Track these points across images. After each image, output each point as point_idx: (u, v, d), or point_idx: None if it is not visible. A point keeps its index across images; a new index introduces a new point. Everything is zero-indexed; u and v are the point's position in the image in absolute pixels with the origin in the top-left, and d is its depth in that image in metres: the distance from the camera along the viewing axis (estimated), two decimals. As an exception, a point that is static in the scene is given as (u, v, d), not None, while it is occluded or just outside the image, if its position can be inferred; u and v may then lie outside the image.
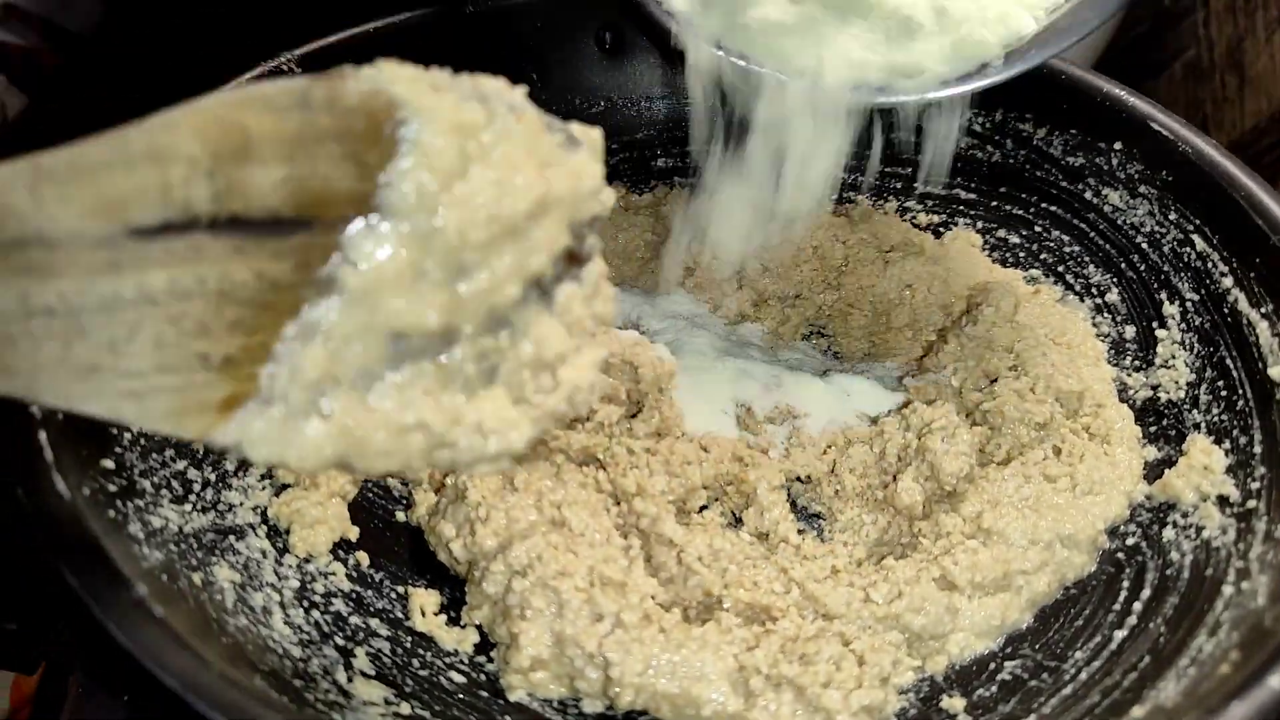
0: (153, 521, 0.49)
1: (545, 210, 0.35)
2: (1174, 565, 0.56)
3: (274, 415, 0.34)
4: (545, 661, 0.52)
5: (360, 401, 0.34)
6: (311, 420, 0.34)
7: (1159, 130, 0.68)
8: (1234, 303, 0.62)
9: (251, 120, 0.33)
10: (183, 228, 0.33)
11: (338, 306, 0.33)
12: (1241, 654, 0.45)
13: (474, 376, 0.35)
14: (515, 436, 0.35)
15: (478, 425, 0.35)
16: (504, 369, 0.35)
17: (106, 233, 0.32)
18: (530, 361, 0.36)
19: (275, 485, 0.59)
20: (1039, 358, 0.66)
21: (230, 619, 0.48)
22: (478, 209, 0.33)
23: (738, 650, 0.54)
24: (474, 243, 0.34)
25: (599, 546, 0.56)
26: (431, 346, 0.34)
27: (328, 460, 0.34)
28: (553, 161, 0.35)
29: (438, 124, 0.33)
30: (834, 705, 0.51)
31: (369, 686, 0.50)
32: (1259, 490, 0.55)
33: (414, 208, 0.33)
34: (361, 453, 0.34)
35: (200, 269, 0.33)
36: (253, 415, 0.34)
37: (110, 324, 0.33)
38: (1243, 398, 0.60)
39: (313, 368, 0.33)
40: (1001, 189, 0.78)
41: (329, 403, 0.34)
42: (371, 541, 0.60)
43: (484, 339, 0.35)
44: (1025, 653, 0.56)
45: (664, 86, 0.86)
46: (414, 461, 0.35)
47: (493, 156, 0.34)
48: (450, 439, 0.34)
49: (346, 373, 0.34)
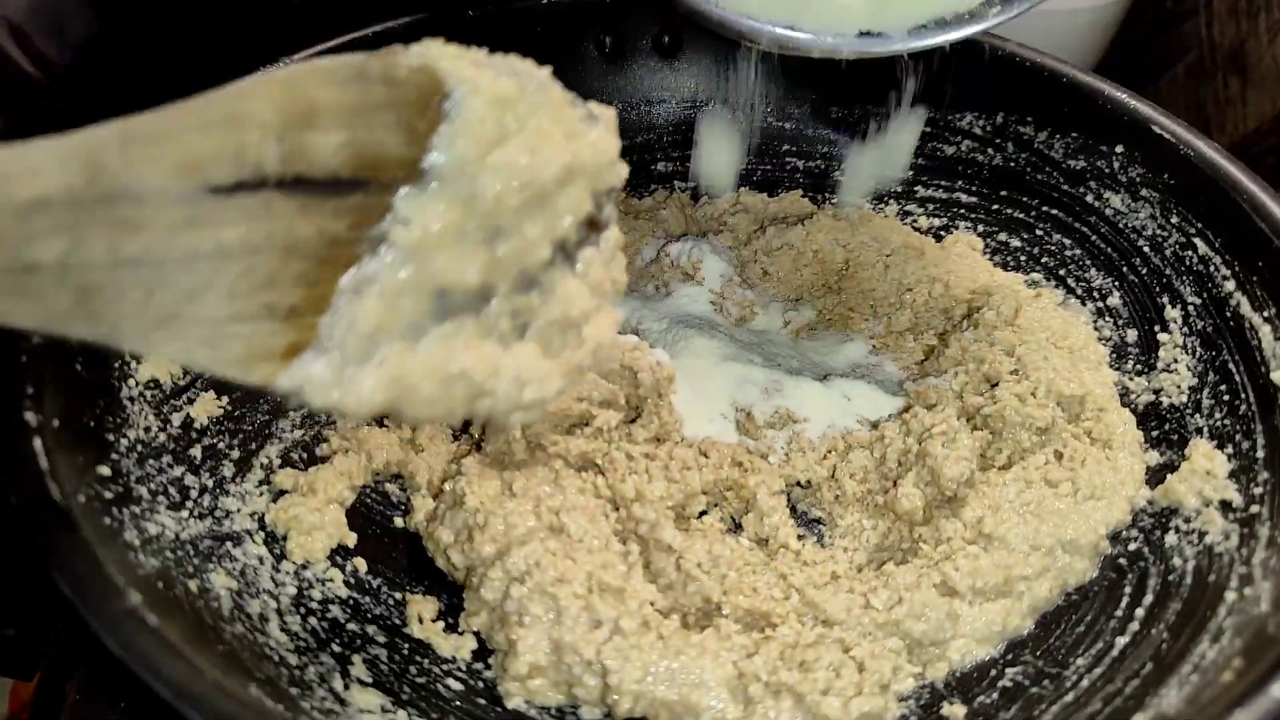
0: (149, 528, 0.49)
1: (571, 178, 0.38)
2: (1176, 571, 0.56)
3: (331, 362, 0.37)
4: (543, 668, 0.52)
5: (410, 351, 0.37)
6: (366, 367, 0.37)
7: (1161, 133, 0.67)
8: (1236, 306, 0.62)
9: (316, 90, 0.36)
10: (254, 187, 0.36)
11: (389, 262, 0.37)
12: (1244, 661, 0.45)
13: (508, 332, 0.39)
14: (548, 386, 0.39)
15: (515, 376, 0.38)
16: (535, 325, 0.39)
17: (187, 190, 0.35)
18: (559, 319, 0.39)
19: (273, 491, 0.59)
20: (1040, 361, 0.66)
21: (226, 626, 0.48)
22: (514, 175, 0.37)
23: (737, 657, 0.53)
24: (510, 206, 0.37)
25: (597, 553, 0.56)
26: (471, 303, 0.38)
27: (379, 405, 0.37)
28: (577, 134, 0.38)
29: (479, 96, 0.37)
30: (833, 712, 0.51)
31: (366, 694, 0.50)
32: (1262, 495, 0.55)
33: (457, 172, 0.37)
34: (411, 399, 0.37)
35: (269, 225, 0.37)
36: (312, 362, 0.37)
37: (189, 275, 0.36)
38: (1245, 402, 0.59)
39: (367, 318, 0.37)
40: (1002, 192, 0.78)
41: (382, 351, 0.37)
42: (369, 547, 0.60)
43: (517, 297, 0.39)
44: (1026, 659, 0.56)
45: (664, 91, 0.86)
46: (457, 408, 0.38)
47: (527, 127, 0.37)
48: (489, 388, 0.38)
49: (397, 324, 0.37)
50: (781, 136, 0.85)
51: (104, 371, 0.53)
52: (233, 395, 0.60)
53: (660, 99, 0.86)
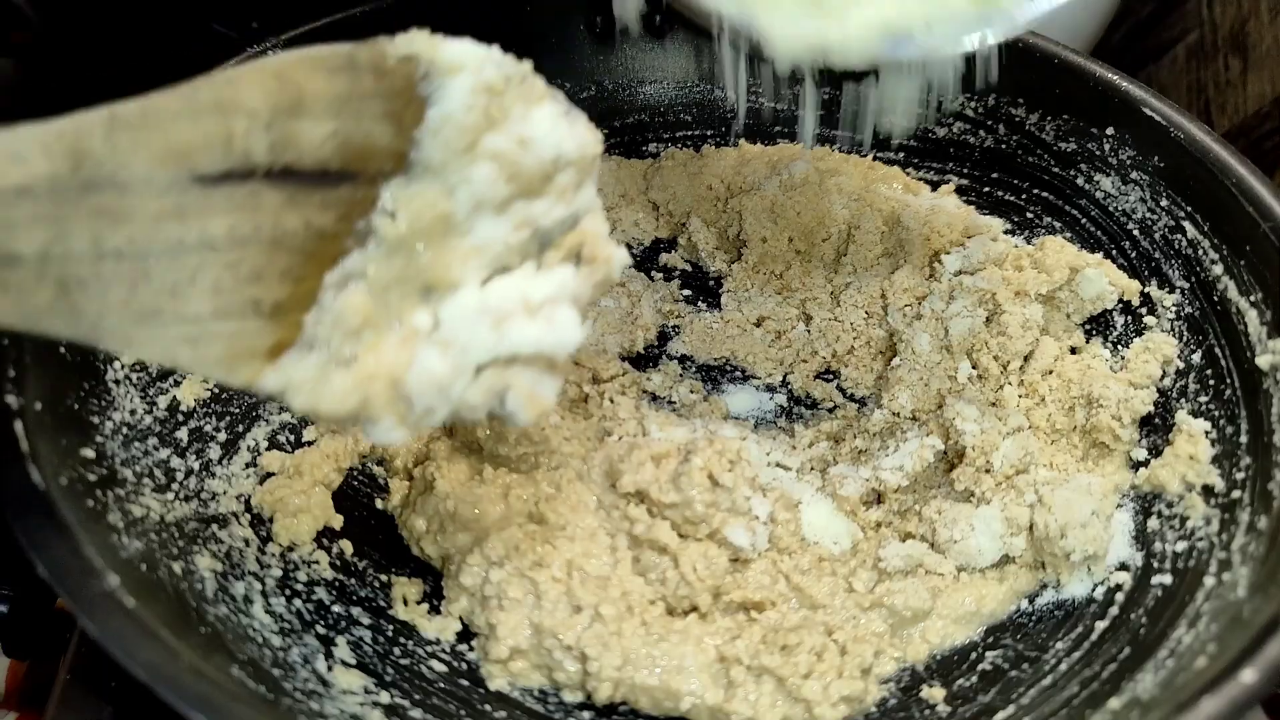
0: (133, 511, 0.49)
1: (557, 170, 0.38)
2: (1157, 555, 0.56)
3: (315, 361, 0.36)
4: (524, 651, 0.52)
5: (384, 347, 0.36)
6: (352, 368, 0.36)
7: (1151, 115, 0.67)
8: (1224, 291, 0.62)
9: (306, 79, 0.36)
10: (242, 177, 0.36)
11: (375, 255, 0.36)
12: (1218, 646, 0.45)
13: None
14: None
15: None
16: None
17: (174, 179, 0.34)
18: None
19: (259, 474, 0.59)
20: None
21: (210, 608, 0.48)
22: (501, 165, 0.37)
23: (719, 641, 0.54)
24: (497, 198, 0.37)
25: (579, 540, 0.56)
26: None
27: (352, 408, 0.36)
28: (561, 127, 0.38)
29: (464, 86, 0.36)
30: (814, 695, 0.51)
31: (349, 675, 0.50)
32: (1243, 480, 0.55)
33: (443, 163, 0.36)
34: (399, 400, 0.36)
35: (257, 217, 0.36)
36: (295, 361, 0.36)
37: (174, 268, 0.35)
38: (1230, 386, 0.59)
39: (353, 314, 0.36)
40: (993, 174, 0.78)
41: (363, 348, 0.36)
42: (355, 530, 0.60)
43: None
44: (1006, 642, 0.56)
45: (654, 71, 0.85)
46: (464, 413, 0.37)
47: (511, 117, 0.37)
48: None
49: (386, 320, 0.36)
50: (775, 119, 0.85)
51: (88, 354, 0.53)
52: (219, 378, 0.60)
53: (652, 79, 0.86)
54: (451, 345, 0.37)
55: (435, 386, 0.36)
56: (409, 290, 0.37)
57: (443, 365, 0.36)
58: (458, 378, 0.37)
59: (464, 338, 0.37)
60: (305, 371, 0.36)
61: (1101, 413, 0.62)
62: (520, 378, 0.37)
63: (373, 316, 0.36)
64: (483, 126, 0.36)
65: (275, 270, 0.37)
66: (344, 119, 0.36)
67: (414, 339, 0.37)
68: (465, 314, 0.37)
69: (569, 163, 0.38)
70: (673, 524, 0.57)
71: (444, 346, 0.37)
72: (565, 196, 0.38)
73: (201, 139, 0.35)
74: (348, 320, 0.36)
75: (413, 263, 0.36)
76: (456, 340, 0.37)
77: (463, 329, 0.37)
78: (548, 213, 0.38)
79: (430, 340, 0.37)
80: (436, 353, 0.36)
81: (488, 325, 0.37)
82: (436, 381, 0.36)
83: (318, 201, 0.37)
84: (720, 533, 0.57)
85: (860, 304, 0.73)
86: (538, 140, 0.37)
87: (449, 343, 0.37)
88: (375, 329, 0.36)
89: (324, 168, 0.37)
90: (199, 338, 0.36)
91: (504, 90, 0.37)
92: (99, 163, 0.33)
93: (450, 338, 0.37)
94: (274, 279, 0.37)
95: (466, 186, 0.37)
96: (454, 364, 0.36)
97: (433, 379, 0.36)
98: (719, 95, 0.86)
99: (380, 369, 0.36)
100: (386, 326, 0.36)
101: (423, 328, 0.37)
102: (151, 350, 0.36)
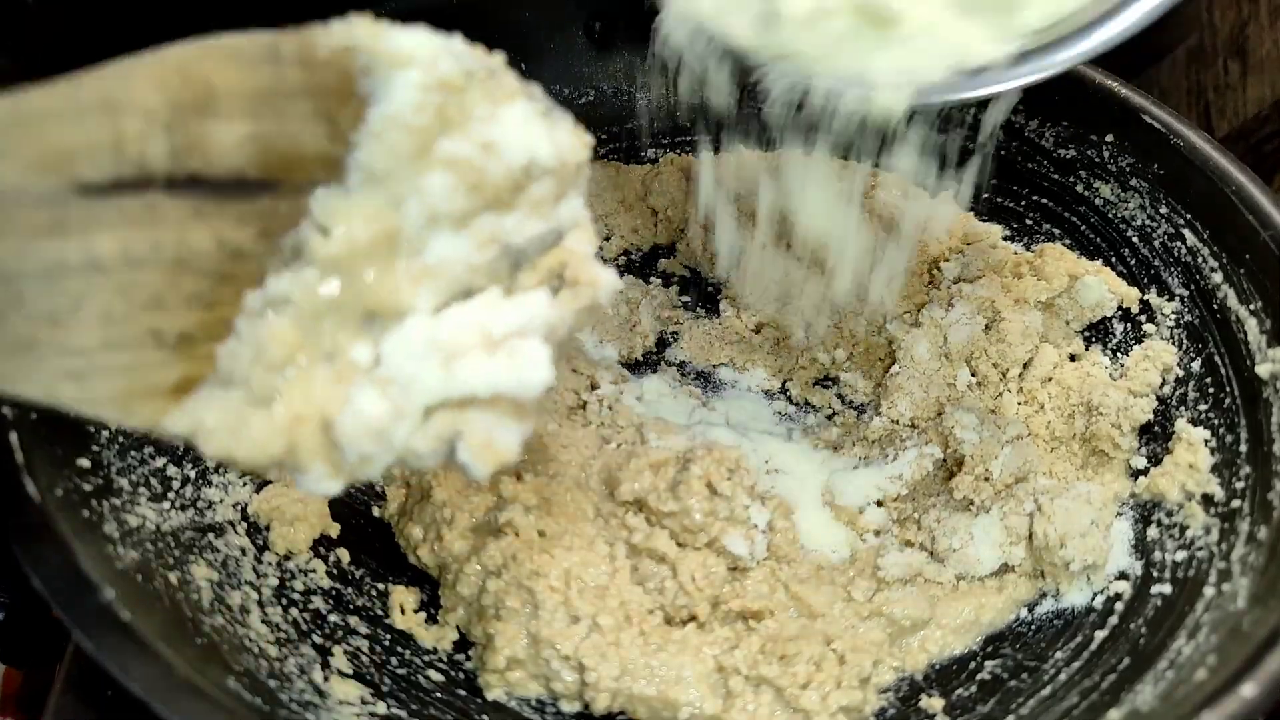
0: (129, 520, 0.49)
1: (531, 179, 0.33)
2: (1156, 565, 0.56)
3: (232, 400, 0.31)
4: (521, 661, 0.52)
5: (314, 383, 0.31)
6: (275, 408, 0.31)
7: (1151, 122, 0.67)
8: (1223, 299, 0.61)
9: (215, 72, 0.30)
10: (137, 186, 0.30)
11: (303, 280, 0.31)
12: (1218, 658, 0.45)
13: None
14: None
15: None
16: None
17: (51, 189, 0.29)
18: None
19: (256, 482, 0.59)
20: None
21: (206, 618, 0.48)
22: (459, 174, 0.32)
23: (718, 650, 0.53)
24: (456, 211, 0.32)
25: (577, 550, 0.56)
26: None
27: (276, 455, 0.31)
28: (536, 129, 0.33)
29: (414, 82, 0.31)
30: (812, 706, 0.51)
31: (346, 685, 0.50)
32: (1243, 490, 0.55)
33: (387, 171, 0.31)
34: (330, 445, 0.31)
35: (155, 233, 0.31)
36: (207, 400, 0.31)
37: (52, 293, 0.30)
38: (1230, 395, 0.59)
39: (277, 346, 0.31)
40: (992, 181, 0.77)
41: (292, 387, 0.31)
42: (353, 538, 0.60)
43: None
44: (1005, 652, 0.56)
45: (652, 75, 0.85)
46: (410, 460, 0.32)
47: (474, 118, 0.32)
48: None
49: (315, 354, 0.31)
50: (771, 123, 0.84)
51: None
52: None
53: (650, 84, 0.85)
54: (393, 384, 0.31)
55: (372, 431, 0.31)
56: (346, 318, 0.32)
57: (381, 407, 0.31)
58: (400, 421, 0.31)
59: (408, 375, 0.31)
60: (219, 412, 0.31)
61: (1101, 421, 0.62)
62: (475, 424, 0.32)
63: (300, 349, 0.31)
64: (437, 128, 0.31)
65: (180, 295, 0.31)
66: (264, 120, 0.31)
67: (349, 375, 0.31)
68: (411, 347, 0.31)
69: (546, 171, 0.33)
70: (671, 533, 0.57)
71: (384, 385, 0.31)
72: (541, 210, 0.33)
73: (84, 142, 0.29)
74: (270, 353, 0.31)
75: (351, 287, 0.31)
76: (399, 378, 0.31)
77: (408, 365, 0.31)
78: (519, 229, 0.33)
79: (368, 378, 0.31)
80: (375, 392, 0.31)
81: (437, 361, 0.31)
82: (373, 426, 0.31)
83: (232, 215, 0.32)
84: (719, 541, 0.57)
85: (859, 311, 0.73)
86: (506, 145, 0.32)
87: (390, 380, 0.31)
88: (303, 364, 0.31)
89: (239, 176, 0.31)
90: (85, 372, 0.31)
91: (465, 87, 0.32)
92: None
93: (392, 375, 0.31)
94: (179, 305, 0.32)
95: (417, 198, 0.31)
96: (395, 406, 0.31)
97: (369, 423, 0.31)
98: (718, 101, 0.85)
99: (308, 410, 0.31)
100: (317, 360, 0.31)
101: (361, 362, 0.32)
102: (28, 387, 0.31)
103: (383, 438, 0.31)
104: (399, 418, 0.31)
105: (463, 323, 0.32)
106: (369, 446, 0.31)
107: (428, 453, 0.32)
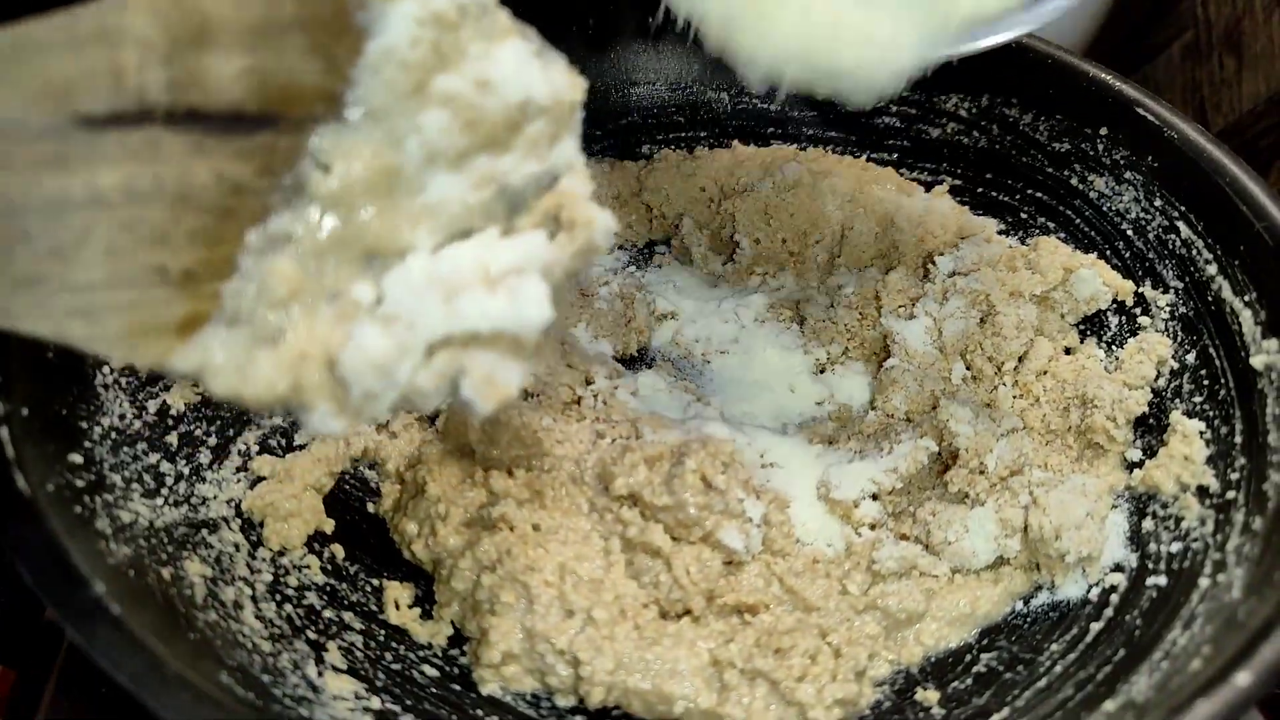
0: (122, 516, 0.49)
1: (527, 119, 0.33)
2: (1152, 556, 0.56)
3: (238, 338, 0.31)
4: (516, 656, 0.52)
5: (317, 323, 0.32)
6: (281, 346, 0.31)
7: (1145, 116, 0.67)
8: (1218, 291, 0.61)
9: (211, 3, 0.30)
10: (137, 119, 0.30)
11: (304, 217, 0.31)
12: (1213, 648, 0.45)
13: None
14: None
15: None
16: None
17: (52, 122, 0.29)
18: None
19: (250, 478, 0.59)
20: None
21: (199, 614, 0.48)
22: (456, 111, 0.32)
23: (713, 644, 0.53)
24: (453, 150, 0.32)
25: (571, 544, 0.56)
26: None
27: (286, 395, 0.32)
28: (528, 68, 0.33)
29: (409, 14, 0.31)
30: (808, 699, 0.51)
31: (339, 681, 0.50)
32: (1238, 481, 0.55)
33: (386, 107, 0.31)
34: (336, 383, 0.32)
35: (157, 168, 0.31)
36: (213, 338, 0.32)
37: (57, 228, 0.30)
38: (1224, 387, 0.59)
39: (280, 284, 0.31)
40: (987, 175, 0.78)
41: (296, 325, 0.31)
42: (347, 534, 0.60)
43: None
44: (1001, 644, 0.56)
45: (647, 72, 0.85)
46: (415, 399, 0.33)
47: (469, 55, 0.32)
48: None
49: (318, 292, 0.31)
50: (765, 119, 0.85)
51: (77, 359, 0.52)
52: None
53: (645, 80, 0.85)
54: (396, 321, 0.32)
55: (376, 368, 0.31)
56: (347, 257, 0.32)
57: (385, 344, 0.32)
58: (404, 358, 0.32)
59: (411, 312, 0.32)
60: (225, 350, 0.32)
61: (1096, 413, 0.62)
62: (477, 360, 0.32)
63: (304, 287, 0.31)
64: (433, 65, 0.31)
65: (183, 231, 0.31)
66: (261, 53, 0.31)
67: (353, 313, 0.32)
68: (413, 285, 0.32)
69: (541, 110, 0.33)
70: (666, 527, 0.57)
71: (387, 322, 0.32)
72: (538, 151, 0.33)
73: (83, 73, 0.29)
74: (274, 291, 0.31)
75: (351, 225, 0.32)
76: (402, 315, 0.32)
77: (410, 302, 0.32)
78: (516, 169, 0.33)
79: (372, 315, 0.32)
80: (378, 329, 0.32)
81: (438, 298, 0.32)
82: (377, 362, 0.31)
83: (232, 150, 0.31)
84: (714, 535, 0.57)
85: (854, 305, 0.73)
86: (501, 83, 0.32)
87: (393, 318, 0.32)
88: (307, 302, 0.32)
89: (238, 110, 0.31)
90: (93, 309, 0.31)
91: (459, 23, 0.32)
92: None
93: (395, 312, 0.32)
94: (182, 241, 0.31)
95: (415, 136, 0.32)
96: (399, 343, 0.32)
97: (373, 359, 0.31)
98: (712, 96, 0.86)
99: (313, 348, 0.31)
100: (320, 299, 0.32)
101: (363, 300, 0.32)
102: (37, 323, 0.31)
103: (387, 374, 0.32)
104: (403, 354, 0.32)
105: (462, 261, 0.32)
106: (374, 383, 0.32)
107: (432, 390, 0.32)
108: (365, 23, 0.31)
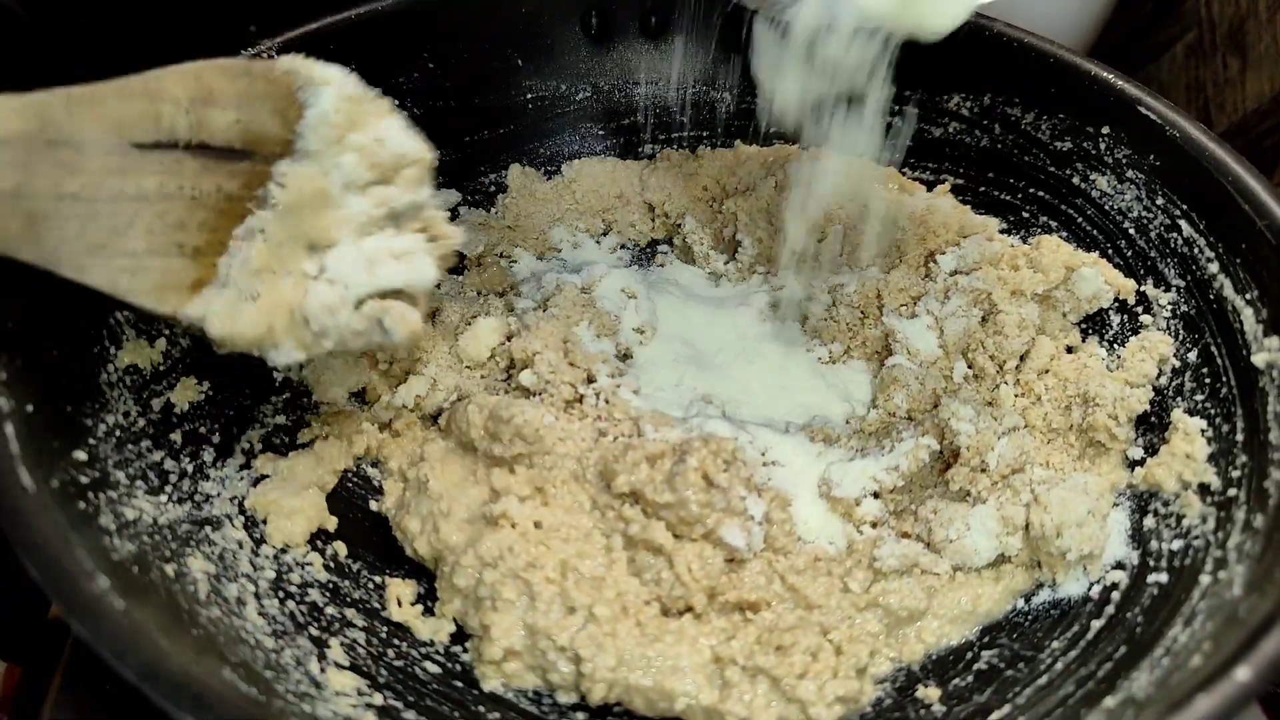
0: (126, 513, 0.49)
1: (404, 165, 0.50)
2: (1153, 554, 0.56)
3: (229, 296, 0.47)
4: (518, 653, 0.52)
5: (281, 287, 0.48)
6: (259, 301, 0.47)
7: (1147, 114, 0.67)
8: (1219, 289, 0.61)
9: (215, 80, 0.48)
10: (169, 147, 0.47)
11: (270, 217, 0.48)
12: (1214, 645, 0.45)
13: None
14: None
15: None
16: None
17: (116, 144, 0.45)
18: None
19: (253, 476, 0.59)
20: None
21: (202, 610, 0.48)
22: (363, 156, 0.49)
23: (715, 641, 0.53)
24: (361, 180, 0.49)
25: (573, 542, 0.56)
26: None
27: (259, 334, 0.47)
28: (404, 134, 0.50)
29: (333, 94, 0.48)
30: (809, 696, 0.51)
31: (342, 677, 0.50)
32: (1239, 479, 0.55)
33: (319, 151, 0.48)
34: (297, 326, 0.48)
35: (180, 178, 0.47)
36: (213, 295, 0.47)
37: (116, 213, 0.45)
38: (1226, 385, 0.59)
39: (254, 260, 0.47)
40: (989, 173, 0.78)
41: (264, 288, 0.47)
42: (350, 531, 0.60)
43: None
44: (1002, 642, 0.56)
45: (650, 72, 0.85)
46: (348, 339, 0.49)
47: (369, 123, 0.49)
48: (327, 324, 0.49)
49: (280, 267, 0.48)
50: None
51: (81, 358, 0.53)
52: (214, 380, 0.60)
53: (647, 80, 0.86)
54: (336, 283, 0.48)
55: (328, 309, 0.48)
56: (297, 246, 0.48)
57: (333, 293, 0.48)
58: (343, 308, 0.48)
59: (345, 277, 0.48)
60: (221, 304, 0.47)
61: (1098, 411, 0.62)
62: (392, 308, 0.49)
63: (271, 263, 0.47)
64: (347, 126, 0.48)
65: (195, 222, 0.47)
66: (244, 111, 0.48)
67: (304, 282, 0.48)
68: (345, 260, 0.48)
69: (412, 161, 0.50)
70: (668, 524, 0.57)
71: (330, 284, 0.48)
72: (411, 187, 0.50)
73: (137, 116, 0.45)
74: (252, 265, 0.47)
75: (299, 224, 0.48)
76: (340, 279, 0.48)
77: (345, 270, 0.48)
78: (399, 197, 0.50)
79: (318, 281, 0.48)
80: (325, 286, 0.48)
81: (364, 267, 0.48)
82: (329, 305, 0.48)
83: (227, 171, 0.48)
84: (715, 533, 0.57)
85: (856, 304, 0.73)
86: (390, 140, 0.49)
87: (334, 281, 0.48)
88: (273, 273, 0.47)
89: (231, 145, 0.48)
90: (136, 269, 0.46)
91: (361, 101, 0.49)
92: (59, 127, 0.43)
93: (335, 278, 0.48)
94: (194, 228, 0.47)
95: (338, 170, 0.48)
96: (340, 296, 0.48)
97: (326, 303, 0.48)
98: (715, 96, 0.86)
99: (280, 303, 0.47)
100: (282, 271, 0.48)
101: (311, 273, 0.48)
102: (99, 277, 0.45)
103: (334, 315, 0.48)
104: (342, 304, 0.48)
105: (377, 245, 0.50)
106: (325, 321, 0.48)
107: (363, 329, 0.49)
108: (306, 98, 0.48)
